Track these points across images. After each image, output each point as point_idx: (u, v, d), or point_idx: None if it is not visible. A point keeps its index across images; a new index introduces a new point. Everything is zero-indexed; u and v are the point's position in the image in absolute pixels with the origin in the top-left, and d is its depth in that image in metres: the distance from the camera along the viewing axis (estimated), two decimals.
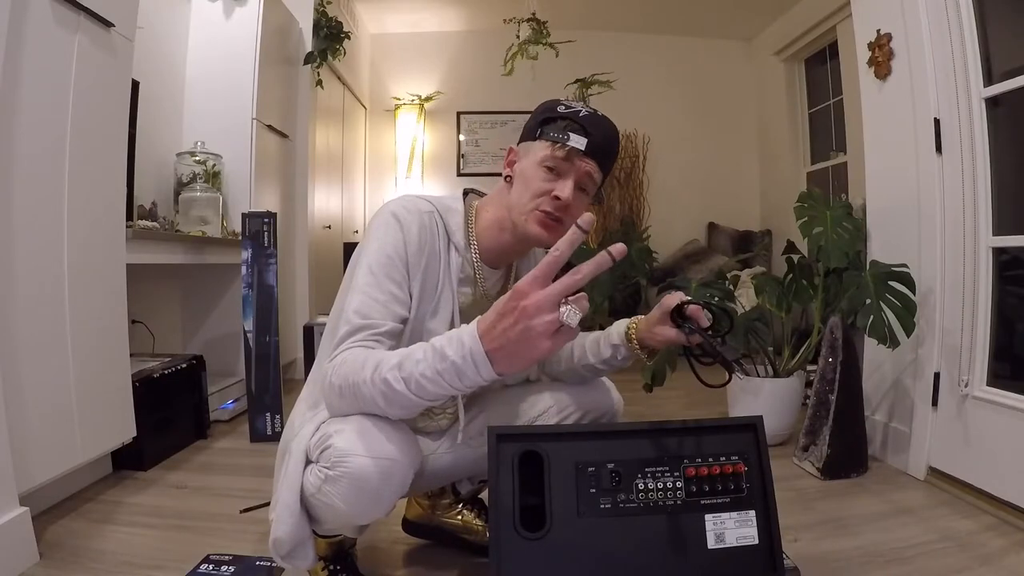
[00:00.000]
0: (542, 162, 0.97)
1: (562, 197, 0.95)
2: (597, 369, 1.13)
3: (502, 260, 1.09)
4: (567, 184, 0.96)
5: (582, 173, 0.97)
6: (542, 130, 0.99)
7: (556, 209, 0.96)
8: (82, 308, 1.49)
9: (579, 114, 0.98)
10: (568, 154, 0.96)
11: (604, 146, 0.99)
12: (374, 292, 0.93)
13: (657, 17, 4.40)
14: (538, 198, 0.97)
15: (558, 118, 0.98)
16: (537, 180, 0.97)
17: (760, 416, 1.01)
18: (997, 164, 1.62)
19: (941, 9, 1.69)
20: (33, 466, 1.33)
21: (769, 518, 0.95)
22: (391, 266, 0.95)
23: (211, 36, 2.68)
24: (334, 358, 0.88)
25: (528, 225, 0.98)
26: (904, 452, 1.83)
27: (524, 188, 0.98)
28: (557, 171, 0.97)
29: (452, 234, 1.02)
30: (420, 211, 0.99)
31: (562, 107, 1.00)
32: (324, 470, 0.87)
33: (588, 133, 0.96)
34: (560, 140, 0.96)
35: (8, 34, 1.23)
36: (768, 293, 2.10)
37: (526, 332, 0.70)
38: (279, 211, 2.64)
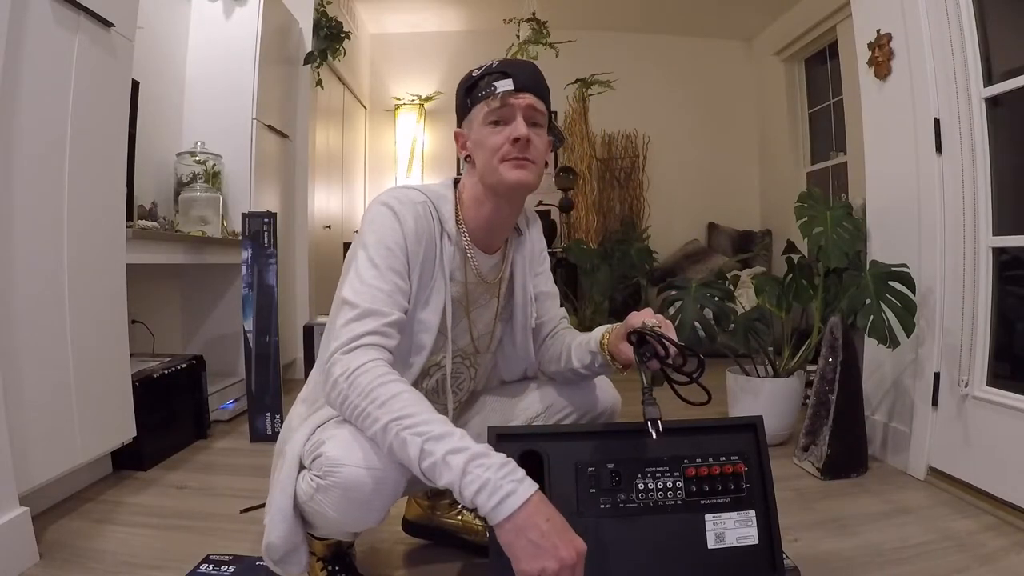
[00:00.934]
0: (484, 120, 0.99)
1: (519, 134, 0.97)
2: (581, 374, 1.11)
3: (492, 238, 1.08)
4: (518, 123, 0.98)
5: (525, 107, 0.99)
6: (471, 97, 1.02)
7: (520, 149, 0.98)
8: (82, 308, 1.49)
9: (492, 66, 1.01)
10: (502, 99, 0.97)
11: (530, 79, 1.00)
12: (379, 283, 0.92)
13: (657, 17, 4.41)
14: (499, 150, 0.98)
15: (477, 79, 1.01)
16: (491, 137, 0.99)
17: (760, 416, 1.01)
18: (997, 164, 1.62)
19: (941, 9, 1.69)
20: (33, 466, 1.32)
21: (769, 518, 0.95)
22: (392, 257, 0.95)
23: (211, 36, 2.68)
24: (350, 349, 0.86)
25: (504, 175, 0.98)
26: (904, 452, 1.83)
27: (483, 150, 1.00)
28: (502, 119, 0.99)
29: (445, 222, 1.02)
30: (414, 202, 1.00)
31: (476, 70, 1.03)
32: (316, 479, 0.86)
33: (509, 74, 0.99)
34: (489, 92, 0.98)
35: (8, 34, 1.23)
36: (768, 293, 2.10)
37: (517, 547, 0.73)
38: (279, 211, 2.64)
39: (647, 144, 4.63)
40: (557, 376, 1.17)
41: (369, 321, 0.89)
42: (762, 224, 4.59)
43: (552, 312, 1.20)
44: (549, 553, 0.71)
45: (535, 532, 0.72)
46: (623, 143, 4.61)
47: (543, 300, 1.19)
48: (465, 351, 1.12)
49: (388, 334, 0.90)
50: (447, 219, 1.03)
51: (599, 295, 3.70)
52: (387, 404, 0.80)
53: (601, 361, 1.05)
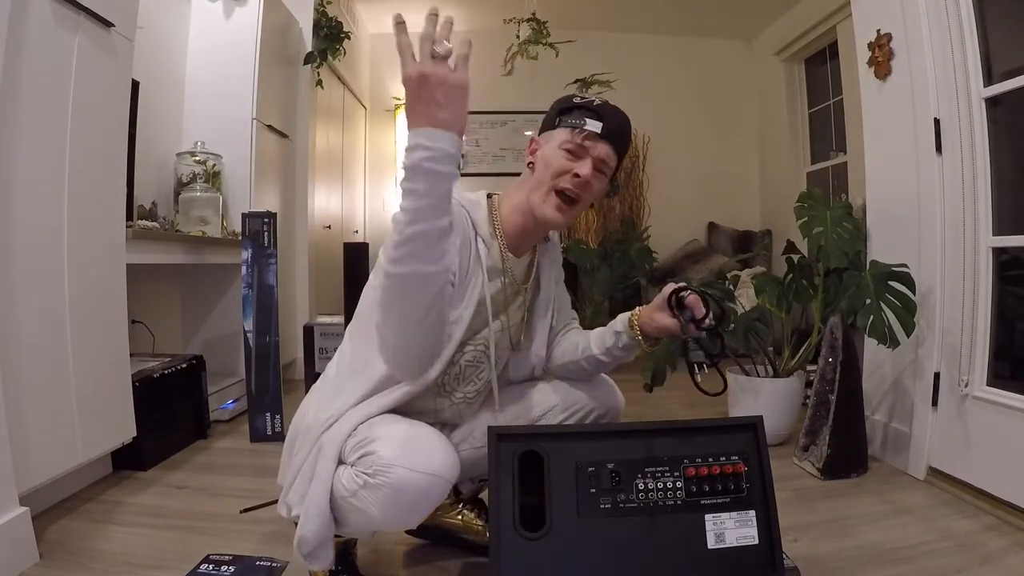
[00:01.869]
0: (561, 146, 1.05)
1: (582, 174, 1.02)
2: (600, 360, 1.15)
3: (524, 245, 1.13)
4: (586, 163, 1.03)
5: (599, 155, 1.04)
6: (560, 119, 1.07)
7: (575, 187, 1.03)
8: (82, 308, 1.49)
9: (593, 103, 1.07)
10: (585, 137, 1.03)
11: (618, 130, 1.06)
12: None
13: (657, 17, 4.40)
14: (559, 176, 1.04)
15: (574, 108, 1.07)
16: (558, 160, 1.04)
17: (760, 416, 1.01)
18: (997, 164, 1.62)
19: (941, 9, 1.69)
20: (33, 466, 1.33)
21: (769, 518, 0.95)
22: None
23: (211, 36, 2.68)
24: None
25: (545, 207, 1.04)
26: (904, 452, 1.83)
27: (545, 168, 1.05)
28: (576, 153, 1.04)
29: (478, 226, 1.06)
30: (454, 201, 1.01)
31: (577, 98, 1.08)
32: (363, 475, 0.88)
33: (602, 118, 1.05)
34: (578, 125, 1.04)
35: (8, 34, 1.23)
36: (768, 293, 2.10)
37: (425, 97, 0.79)
38: (279, 211, 2.64)
39: (647, 144, 4.63)
40: (566, 371, 1.20)
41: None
42: (762, 224, 4.59)
43: (564, 312, 1.26)
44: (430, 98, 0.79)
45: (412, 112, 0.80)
46: None
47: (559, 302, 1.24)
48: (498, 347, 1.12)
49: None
50: (480, 224, 1.07)
51: (599, 295, 3.70)
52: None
53: (626, 341, 1.10)
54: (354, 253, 2.48)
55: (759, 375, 2.08)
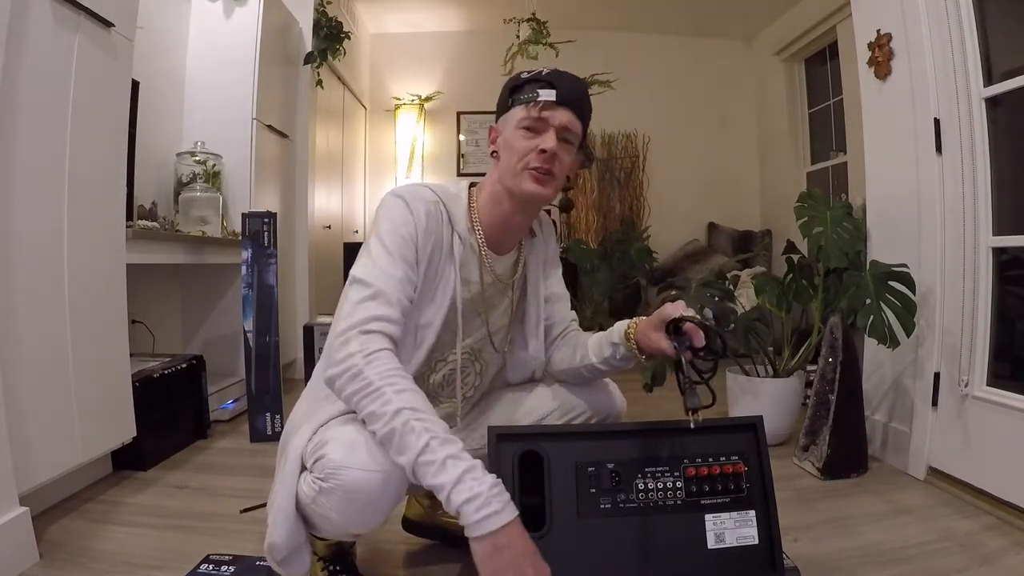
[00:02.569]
0: (519, 124, 1.01)
1: (547, 147, 0.99)
2: (598, 369, 1.11)
3: (507, 239, 1.10)
4: (548, 136, 0.99)
5: (559, 123, 1.00)
6: (513, 98, 1.03)
7: (544, 162, 0.99)
8: (82, 308, 1.49)
9: (542, 73, 1.03)
10: (542, 109, 0.99)
11: (573, 93, 1.02)
12: (391, 268, 0.94)
13: (657, 17, 4.40)
14: (525, 157, 1.00)
15: (524, 83, 1.03)
16: (520, 142, 1.01)
17: (760, 416, 1.01)
18: (997, 164, 1.62)
19: (941, 9, 1.69)
20: (33, 466, 1.32)
21: (769, 518, 0.95)
22: (405, 246, 0.96)
23: (211, 36, 2.68)
24: (367, 330, 0.87)
25: (522, 184, 1.01)
26: (904, 452, 1.83)
27: (510, 153, 1.02)
28: (535, 129, 1.00)
29: (456, 223, 1.04)
30: (425, 199, 1.01)
31: (525, 73, 1.04)
32: (318, 481, 0.86)
33: (555, 85, 1.00)
34: (531, 98, 1.00)
35: (8, 34, 1.23)
36: (768, 293, 2.10)
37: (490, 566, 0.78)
38: (279, 211, 2.64)
39: (647, 144, 4.63)
40: (566, 376, 1.16)
41: (382, 303, 0.90)
42: (762, 224, 4.59)
43: (563, 314, 1.21)
44: (519, 572, 0.76)
45: (509, 553, 0.77)
46: (623, 143, 4.61)
47: (554, 302, 1.20)
48: (476, 350, 1.11)
49: (397, 322, 0.91)
50: (459, 220, 1.04)
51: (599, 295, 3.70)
52: (404, 393, 0.82)
53: (623, 352, 1.06)
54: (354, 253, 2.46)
55: (759, 375, 2.08)
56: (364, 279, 0.92)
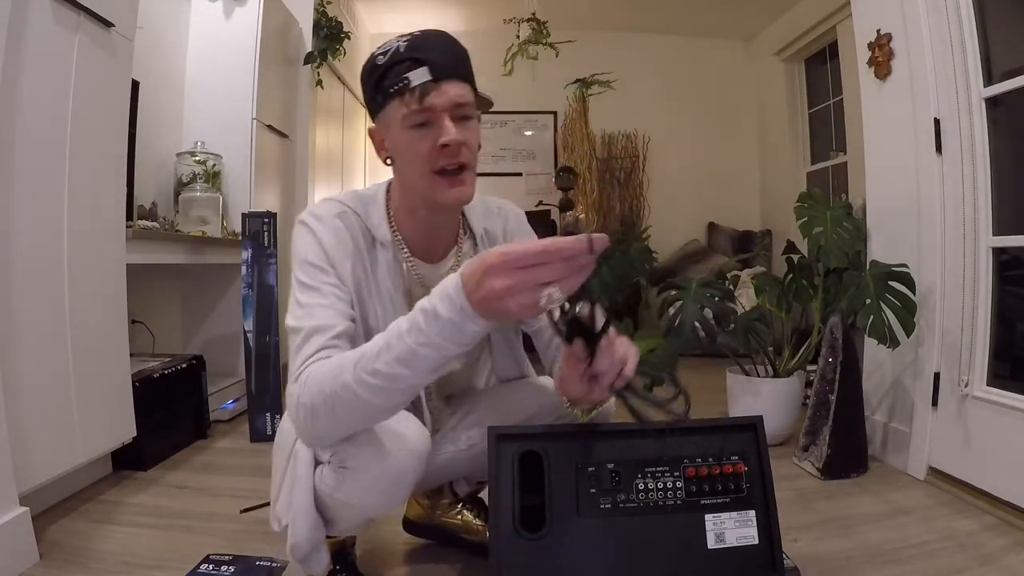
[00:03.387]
0: (403, 123, 0.85)
1: (449, 141, 0.84)
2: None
3: (433, 246, 1.00)
4: (444, 126, 0.84)
5: (449, 103, 0.84)
6: (380, 92, 0.87)
7: (451, 157, 0.86)
8: (82, 308, 1.49)
9: (400, 50, 0.85)
10: (420, 96, 0.83)
11: (448, 59, 0.86)
12: (315, 299, 0.87)
13: (657, 17, 4.41)
14: (426, 160, 0.86)
15: (385, 69, 0.85)
16: (412, 144, 0.86)
17: (760, 416, 1.00)
18: (997, 164, 1.61)
19: (941, 9, 1.69)
20: (33, 466, 1.32)
21: (769, 518, 0.95)
22: (318, 271, 0.89)
23: (211, 36, 2.68)
24: (297, 378, 0.80)
25: (435, 195, 0.88)
26: (904, 452, 1.83)
27: (407, 160, 0.88)
28: (425, 121, 0.84)
29: (375, 229, 0.94)
30: (330, 215, 0.93)
31: (380, 56, 0.86)
32: (339, 469, 0.86)
33: (423, 60, 0.83)
34: (403, 88, 0.83)
35: (8, 34, 1.23)
36: (768, 293, 2.10)
37: (503, 309, 0.65)
38: (279, 211, 2.64)
39: (647, 144, 4.63)
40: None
41: (315, 339, 0.83)
42: (762, 224, 4.59)
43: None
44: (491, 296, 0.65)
45: (477, 297, 0.66)
46: (623, 143, 4.61)
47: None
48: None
49: (337, 346, 0.83)
50: (377, 225, 0.94)
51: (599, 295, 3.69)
52: (341, 368, 0.75)
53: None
54: None
55: (759, 375, 2.08)
56: (292, 325, 0.86)
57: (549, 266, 0.64)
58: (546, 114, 4.65)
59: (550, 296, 0.64)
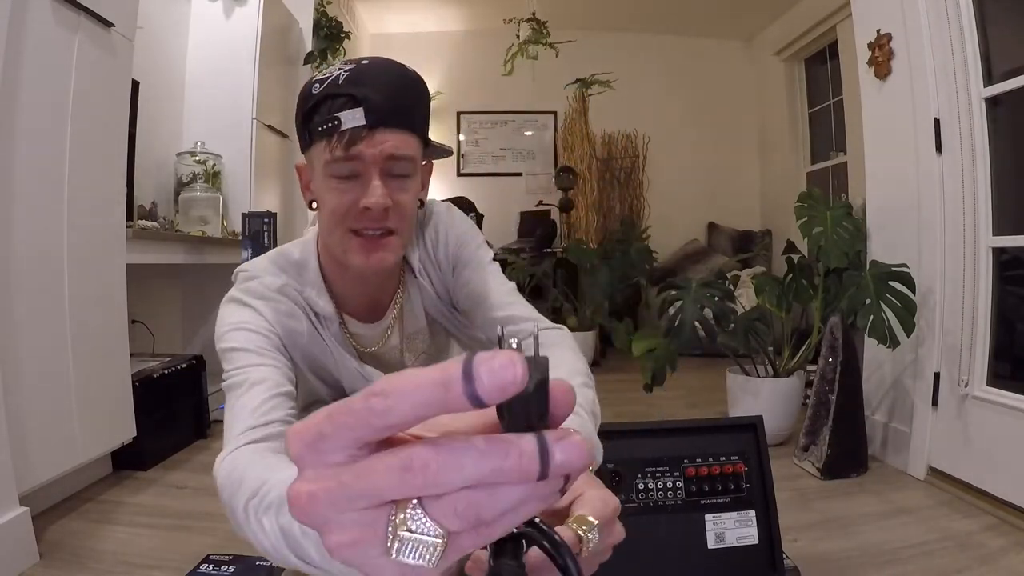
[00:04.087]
0: (326, 170, 0.69)
1: (371, 205, 0.68)
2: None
3: (375, 301, 0.84)
4: (372, 186, 0.68)
5: (382, 157, 0.67)
6: (309, 128, 0.70)
7: (373, 222, 0.70)
8: (82, 308, 1.49)
9: (340, 81, 0.67)
10: (348, 144, 0.66)
11: (390, 101, 0.67)
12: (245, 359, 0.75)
13: (657, 17, 4.41)
14: (344, 219, 0.71)
15: (318, 102, 0.67)
16: (332, 196, 0.70)
17: (760, 416, 1.01)
18: (997, 164, 1.62)
19: (941, 9, 1.69)
20: (33, 466, 1.33)
21: (769, 518, 0.95)
22: (253, 334, 0.76)
23: (211, 36, 2.68)
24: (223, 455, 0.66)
25: (349, 256, 0.73)
26: (904, 452, 1.83)
27: (324, 212, 0.73)
28: (350, 173, 0.69)
29: (315, 304, 0.80)
30: (269, 289, 0.78)
31: (317, 84, 0.68)
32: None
33: (360, 98, 0.65)
34: (332, 128, 0.66)
35: (8, 34, 1.23)
36: (768, 293, 2.10)
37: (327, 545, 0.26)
38: (279, 211, 2.64)
39: (647, 144, 4.63)
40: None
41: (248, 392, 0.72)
42: (762, 224, 4.59)
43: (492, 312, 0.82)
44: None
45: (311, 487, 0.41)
46: (623, 143, 4.61)
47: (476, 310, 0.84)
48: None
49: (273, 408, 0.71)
50: (316, 300, 0.80)
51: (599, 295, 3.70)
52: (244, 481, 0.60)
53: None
54: None
55: (759, 375, 2.08)
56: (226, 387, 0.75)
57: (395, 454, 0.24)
58: (546, 114, 4.65)
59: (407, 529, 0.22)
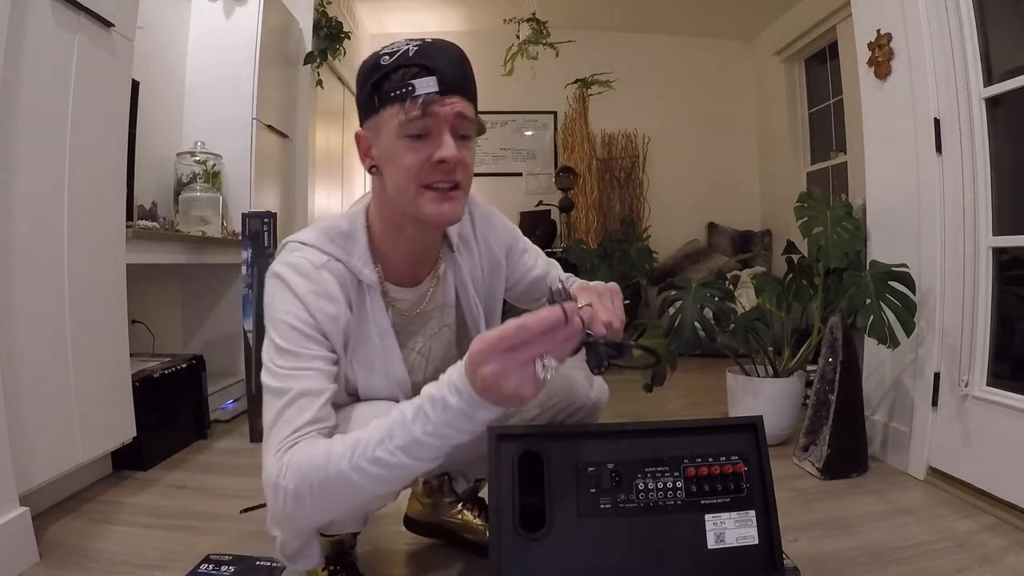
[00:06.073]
0: (400, 131, 0.79)
1: (446, 157, 0.78)
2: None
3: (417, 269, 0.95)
4: (443, 141, 0.79)
5: (452, 118, 0.79)
6: (379, 94, 0.80)
7: (446, 174, 0.80)
8: (82, 308, 1.49)
9: (409, 53, 0.78)
10: (423, 105, 0.77)
11: (458, 73, 0.80)
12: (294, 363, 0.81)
13: (657, 17, 4.41)
14: (418, 174, 0.80)
15: (389, 71, 0.78)
16: (406, 154, 0.79)
17: (760, 416, 1.00)
18: (997, 164, 1.62)
19: (941, 9, 1.69)
20: (33, 466, 1.33)
21: (769, 518, 0.95)
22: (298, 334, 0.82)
23: (211, 36, 2.68)
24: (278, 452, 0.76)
25: (423, 209, 0.81)
26: (904, 452, 1.83)
27: (396, 171, 0.81)
28: (424, 132, 0.79)
29: (359, 273, 0.88)
30: (314, 267, 0.85)
31: (386, 56, 0.79)
32: None
33: (432, 68, 0.77)
34: (405, 93, 0.77)
35: (8, 34, 1.23)
36: (768, 293, 2.10)
37: (504, 392, 0.66)
38: (279, 211, 2.64)
39: (647, 144, 4.63)
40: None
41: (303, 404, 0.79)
42: (762, 224, 4.59)
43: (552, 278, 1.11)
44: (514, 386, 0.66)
45: (492, 381, 0.66)
46: (623, 143, 4.61)
47: (538, 283, 1.10)
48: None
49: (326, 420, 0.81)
50: (361, 268, 0.88)
51: None
52: (332, 456, 0.73)
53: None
54: None
55: (759, 375, 2.08)
56: (273, 386, 0.81)
57: (532, 343, 0.65)
58: (546, 114, 4.65)
59: (544, 366, 0.65)
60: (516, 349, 0.65)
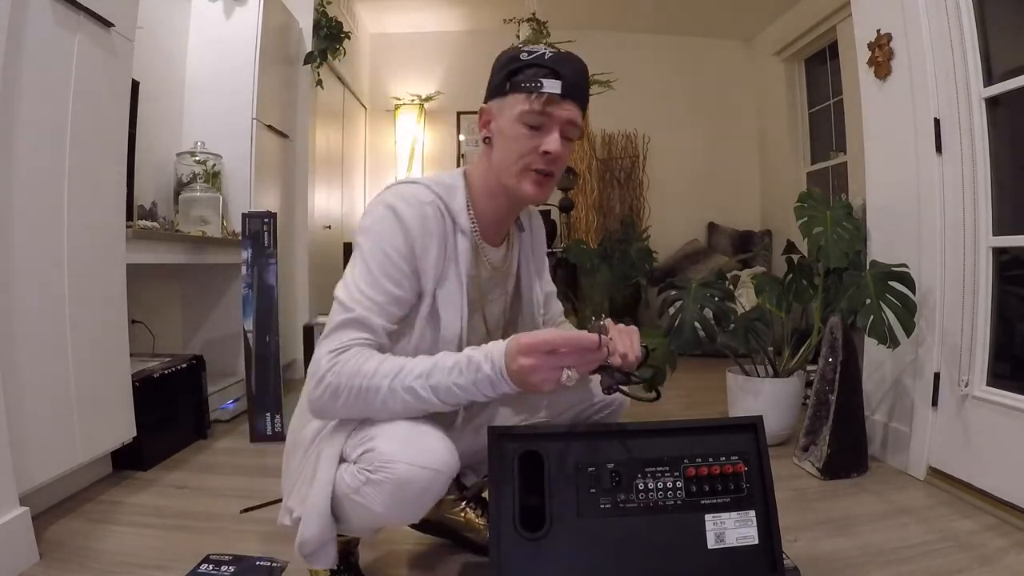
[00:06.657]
0: (520, 118, 0.93)
1: (552, 151, 0.93)
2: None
3: (499, 230, 1.08)
4: (553, 137, 0.93)
5: (564, 120, 0.93)
6: (511, 82, 0.94)
7: (547, 164, 0.95)
8: (82, 308, 1.49)
9: (545, 56, 0.93)
10: (545, 102, 0.91)
11: (579, 85, 0.94)
12: (371, 292, 0.92)
13: (657, 17, 4.41)
14: (526, 157, 0.94)
15: (524, 66, 0.93)
16: (520, 138, 0.94)
17: (760, 416, 1.01)
18: (997, 164, 1.62)
19: (941, 9, 1.69)
20: (33, 466, 1.33)
21: (769, 518, 0.95)
22: (390, 264, 0.92)
23: (211, 36, 2.68)
24: (333, 352, 0.88)
25: (521, 186, 0.96)
26: (904, 452, 1.83)
27: (508, 148, 0.96)
28: (539, 125, 0.93)
29: (457, 216, 1.00)
30: (421, 202, 0.96)
31: (525, 53, 0.94)
32: (365, 472, 0.86)
33: (560, 75, 0.91)
34: (533, 88, 0.91)
35: (8, 34, 1.23)
36: (768, 293, 2.10)
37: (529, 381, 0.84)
38: (279, 211, 2.64)
39: (647, 144, 4.63)
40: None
41: (360, 329, 0.90)
42: (762, 224, 4.59)
43: (555, 309, 1.23)
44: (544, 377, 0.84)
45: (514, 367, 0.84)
46: (623, 143, 4.61)
47: (549, 299, 1.21)
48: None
49: (376, 344, 0.92)
50: (459, 213, 1.00)
51: (599, 295, 3.70)
52: (378, 372, 0.86)
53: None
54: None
55: (759, 375, 2.08)
56: (345, 302, 0.92)
57: (567, 354, 0.84)
58: None
59: (568, 375, 0.84)
60: (553, 354, 0.83)
